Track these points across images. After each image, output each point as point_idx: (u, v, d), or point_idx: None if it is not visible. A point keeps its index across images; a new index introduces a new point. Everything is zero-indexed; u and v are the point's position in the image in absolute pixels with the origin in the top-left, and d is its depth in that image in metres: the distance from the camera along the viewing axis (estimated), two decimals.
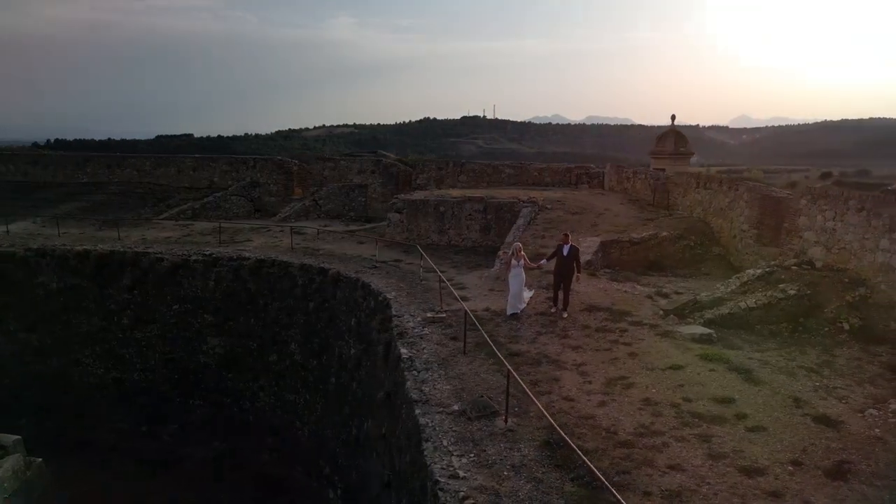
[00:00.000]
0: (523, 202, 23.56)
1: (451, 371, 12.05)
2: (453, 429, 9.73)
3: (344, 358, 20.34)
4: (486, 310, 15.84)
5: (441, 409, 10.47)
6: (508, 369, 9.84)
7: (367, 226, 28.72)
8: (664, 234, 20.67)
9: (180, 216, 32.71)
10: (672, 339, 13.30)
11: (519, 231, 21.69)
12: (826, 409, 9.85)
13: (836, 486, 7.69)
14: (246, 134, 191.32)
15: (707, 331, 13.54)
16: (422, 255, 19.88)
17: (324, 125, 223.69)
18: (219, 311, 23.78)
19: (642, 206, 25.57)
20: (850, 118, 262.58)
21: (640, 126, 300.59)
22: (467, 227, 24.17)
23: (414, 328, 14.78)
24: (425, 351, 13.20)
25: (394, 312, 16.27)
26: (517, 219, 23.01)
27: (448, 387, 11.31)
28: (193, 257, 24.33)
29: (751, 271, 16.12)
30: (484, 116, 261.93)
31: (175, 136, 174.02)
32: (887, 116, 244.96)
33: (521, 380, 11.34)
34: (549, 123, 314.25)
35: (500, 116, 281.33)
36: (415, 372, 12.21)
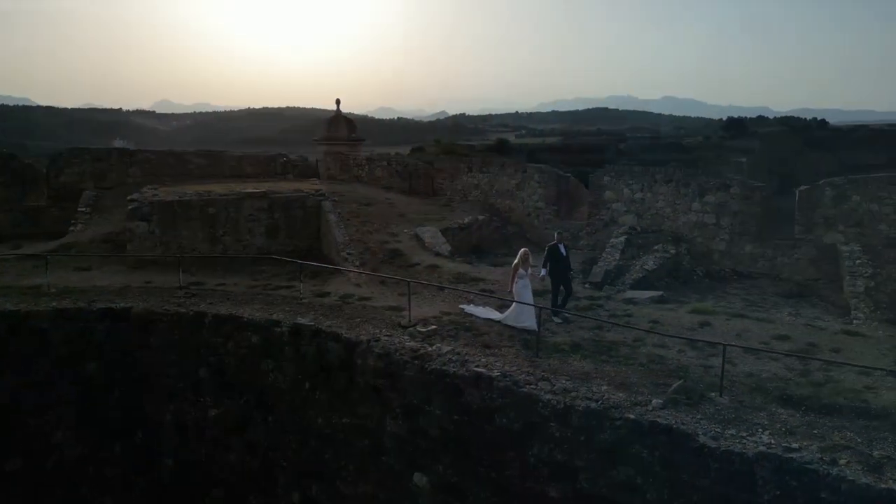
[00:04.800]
0: (314, 195, 22.10)
1: (568, 370, 12.15)
2: (699, 419, 10.37)
3: (195, 425, 16.02)
4: (447, 313, 15.55)
5: (642, 407, 10.83)
6: (723, 345, 11.04)
7: (45, 245, 21.61)
8: (481, 217, 22.97)
9: None
10: (642, 305, 16.03)
11: (340, 228, 20.57)
12: (834, 326, 14.30)
13: None
14: None
15: (657, 292, 16.78)
16: (300, 265, 17.28)
17: None
18: None
19: (406, 193, 26.92)
20: (270, 107, 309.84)
21: (49, 108, 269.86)
22: (249, 230, 21.11)
23: (427, 347, 13.52)
24: (496, 367, 12.58)
25: (352, 338, 14.22)
26: (310, 216, 21.57)
27: (605, 387, 11.50)
28: None
29: (615, 240, 20.07)
30: None
31: None
32: (301, 106, 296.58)
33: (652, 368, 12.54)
34: None
35: None
36: (531, 386, 11.79)
